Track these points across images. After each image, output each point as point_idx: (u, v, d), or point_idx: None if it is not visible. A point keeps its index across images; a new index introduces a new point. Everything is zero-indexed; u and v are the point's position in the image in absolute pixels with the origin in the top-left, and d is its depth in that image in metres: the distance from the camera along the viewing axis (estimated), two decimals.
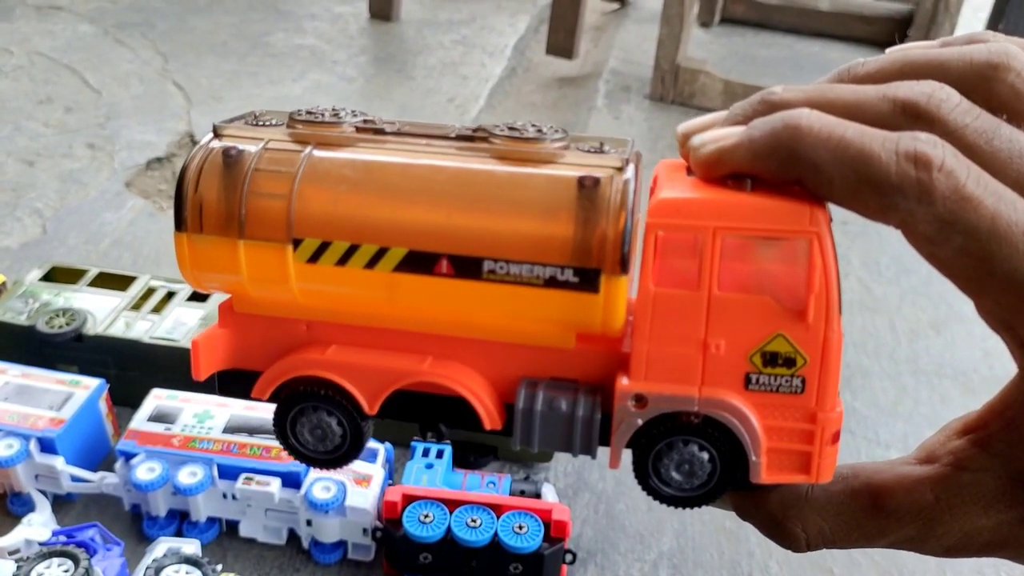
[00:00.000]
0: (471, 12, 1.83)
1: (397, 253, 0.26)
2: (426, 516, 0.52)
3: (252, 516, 0.57)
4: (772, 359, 0.24)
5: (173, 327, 0.67)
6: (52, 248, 0.90)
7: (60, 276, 0.72)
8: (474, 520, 0.52)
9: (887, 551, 0.25)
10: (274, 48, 1.54)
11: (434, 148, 0.27)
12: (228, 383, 0.29)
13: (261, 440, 0.57)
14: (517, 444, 0.27)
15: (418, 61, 1.55)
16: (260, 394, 0.28)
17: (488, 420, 0.27)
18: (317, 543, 0.56)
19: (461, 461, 0.63)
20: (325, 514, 0.54)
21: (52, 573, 0.45)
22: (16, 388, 0.60)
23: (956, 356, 0.85)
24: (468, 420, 0.27)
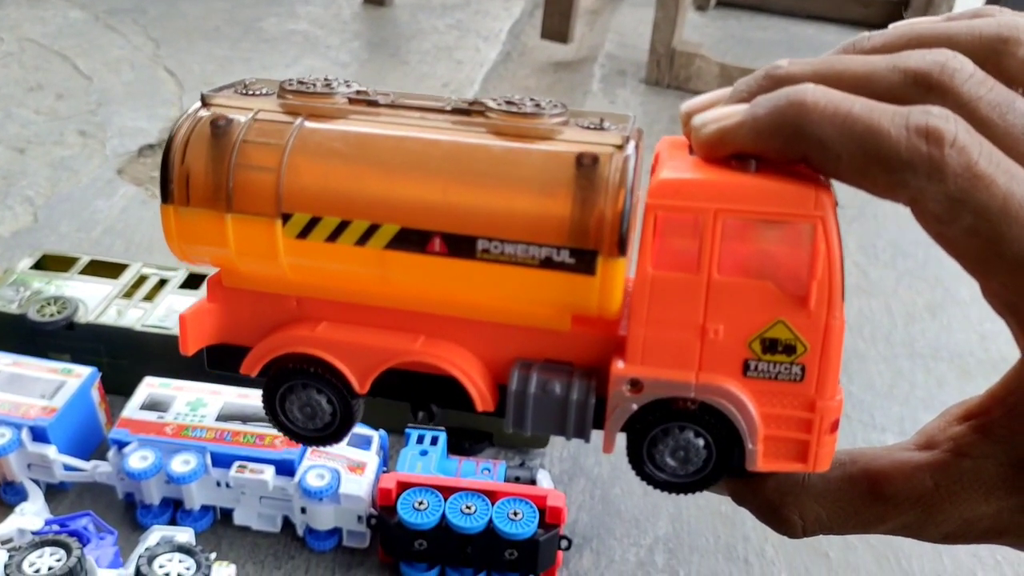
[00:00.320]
0: None
1: (389, 230, 0.25)
2: (420, 503, 0.52)
3: (246, 504, 0.57)
4: (772, 346, 0.24)
5: (165, 315, 0.66)
6: (43, 236, 0.89)
7: (51, 264, 0.72)
8: (469, 507, 0.52)
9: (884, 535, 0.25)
10: (267, 33, 1.52)
11: (429, 121, 0.26)
12: (217, 358, 0.29)
13: (254, 428, 0.57)
14: (510, 426, 0.26)
15: (412, 46, 1.54)
16: (249, 370, 0.28)
17: (480, 401, 0.27)
18: (312, 530, 0.56)
19: (456, 447, 0.63)
20: (319, 501, 0.54)
21: (44, 562, 0.45)
22: (7, 377, 0.60)
23: (952, 339, 0.85)
24: (460, 401, 0.27)
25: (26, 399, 0.58)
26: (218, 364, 0.29)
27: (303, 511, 0.56)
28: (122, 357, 0.65)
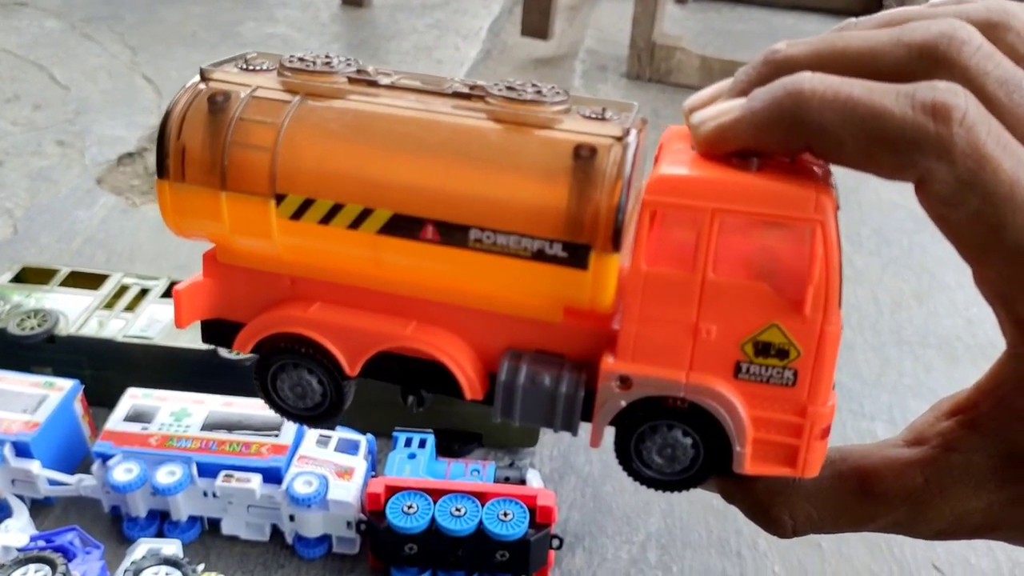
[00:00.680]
0: None
1: (382, 215, 0.25)
2: (410, 507, 0.51)
3: (234, 513, 0.56)
4: (764, 349, 0.23)
5: (147, 325, 0.65)
6: (24, 248, 0.88)
7: (31, 277, 0.71)
8: (458, 509, 0.51)
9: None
10: (244, 38, 1.51)
11: (428, 105, 0.26)
12: (212, 332, 0.29)
13: (240, 436, 0.56)
14: (498, 416, 0.26)
15: (391, 46, 1.53)
16: (241, 347, 0.28)
17: (469, 389, 0.26)
18: (301, 538, 0.56)
19: (445, 449, 0.62)
20: (307, 508, 0.53)
21: None
22: None
23: (939, 326, 0.85)
24: (450, 387, 0.27)
25: (8, 414, 0.57)
26: (213, 338, 0.29)
27: (291, 519, 0.55)
28: (104, 369, 0.64)
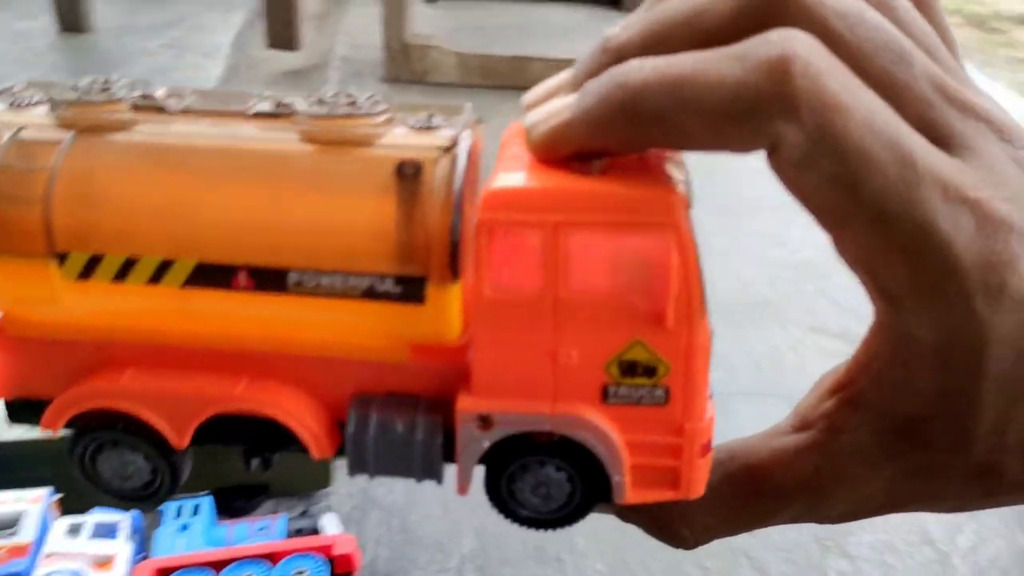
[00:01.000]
0: (178, 12, 1.69)
1: (184, 265, 0.23)
2: None
3: None
4: (631, 368, 0.22)
5: None
6: None
7: None
8: None
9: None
10: None
11: (229, 130, 0.23)
12: (17, 412, 0.26)
13: None
14: (351, 471, 0.24)
15: (122, 73, 1.40)
16: (50, 426, 0.25)
17: (316, 448, 0.24)
18: None
19: (226, 509, 0.55)
20: None
21: None
22: None
23: (716, 289, 0.87)
24: (298, 443, 0.24)
25: None
26: (20, 418, 0.26)
27: None
28: None
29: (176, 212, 0.23)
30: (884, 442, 0.22)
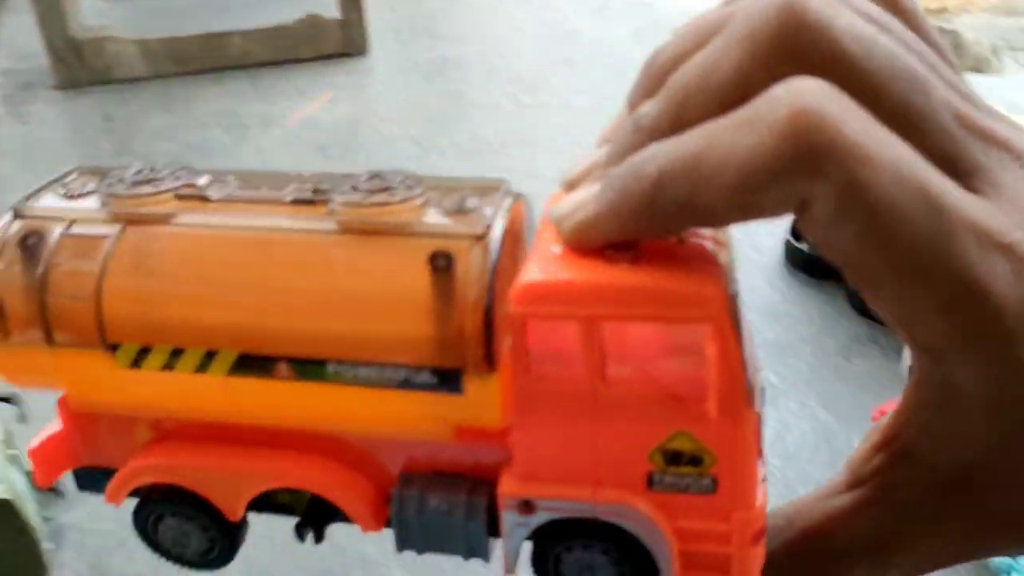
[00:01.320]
0: None
1: (227, 356, 0.24)
2: None
3: None
4: (675, 458, 0.22)
5: None
6: None
7: None
8: None
9: None
10: None
11: (266, 220, 0.24)
12: (85, 480, 0.27)
13: None
14: (398, 548, 0.25)
15: None
16: (113, 500, 0.26)
17: (364, 523, 0.25)
18: None
19: None
20: None
21: None
22: None
23: None
24: (347, 517, 0.25)
25: None
26: (87, 485, 0.27)
27: None
28: None
29: (216, 304, 0.24)
30: (943, 493, 0.21)
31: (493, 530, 0.24)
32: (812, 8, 0.18)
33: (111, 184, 0.25)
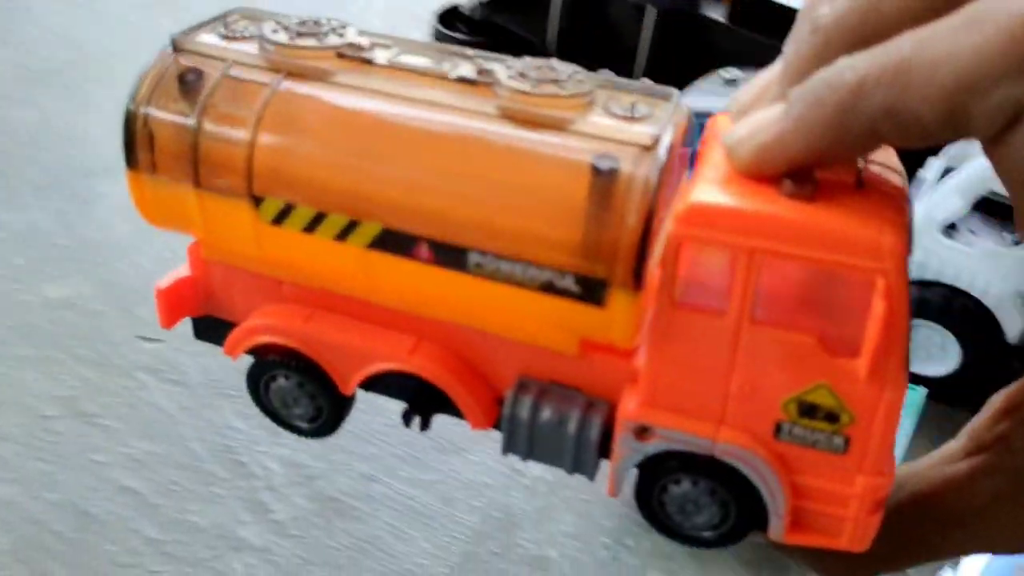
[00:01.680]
0: None
1: (370, 228, 0.23)
2: None
3: None
4: (810, 410, 0.21)
5: None
6: None
7: None
8: None
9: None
10: None
11: (427, 95, 0.23)
12: (202, 329, 0.28)
13: None
14: (504, 450, 0.25)
15: None
16: (230, 353, 0.27)
17: (473, 419, 0.25)
18: None
19: None
20: None
21: None
22: None
23: None
24: (457, 410, 0.25)
25: None
26: (204, 335, 0.28)
27: None
28: None
29: (367, 178, 0.23)
30: None
31: (602, 450, 0.23)
32: None
33: (275, 30, 0.24)
